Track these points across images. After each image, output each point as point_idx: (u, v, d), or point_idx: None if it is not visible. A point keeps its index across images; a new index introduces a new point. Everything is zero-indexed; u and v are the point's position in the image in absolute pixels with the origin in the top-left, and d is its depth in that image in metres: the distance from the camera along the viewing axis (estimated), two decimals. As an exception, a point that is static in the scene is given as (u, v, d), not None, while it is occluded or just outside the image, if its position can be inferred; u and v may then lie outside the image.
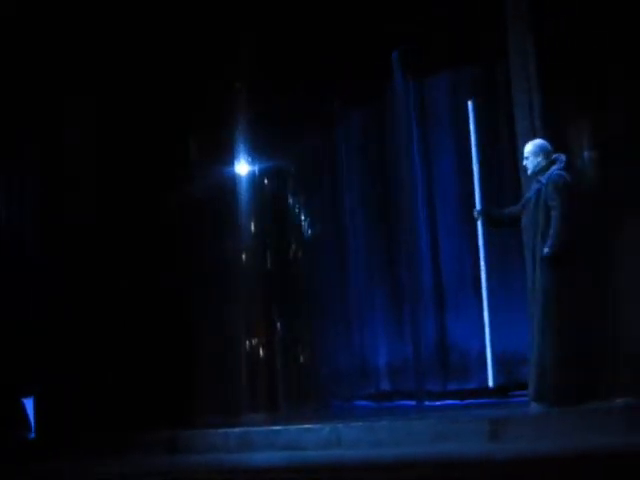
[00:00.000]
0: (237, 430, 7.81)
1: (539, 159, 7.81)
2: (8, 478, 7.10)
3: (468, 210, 9.02)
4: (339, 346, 11.10)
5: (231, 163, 10.48)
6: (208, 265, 10.26)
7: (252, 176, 10.54)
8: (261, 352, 10.27)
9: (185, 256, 10.27)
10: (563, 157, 7.78)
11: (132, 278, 9.97)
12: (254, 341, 10.28)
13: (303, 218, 11.17)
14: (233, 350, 10.19)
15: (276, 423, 8.20)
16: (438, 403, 9.95)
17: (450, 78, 10.43)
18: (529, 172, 7.88)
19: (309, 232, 11.17)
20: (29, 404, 9.65)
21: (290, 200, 10.97)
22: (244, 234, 10.47)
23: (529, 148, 7.90)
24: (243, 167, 10.50)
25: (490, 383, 9.14)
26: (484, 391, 9.34)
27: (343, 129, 11.31)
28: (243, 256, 10.38)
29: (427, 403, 10.05)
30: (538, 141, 7.94)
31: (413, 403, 10.15)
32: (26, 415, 9.51)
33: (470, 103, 8.74)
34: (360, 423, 7.34)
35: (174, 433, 8.04)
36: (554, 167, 7.72)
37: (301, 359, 10.61)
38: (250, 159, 10.54)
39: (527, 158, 7.87)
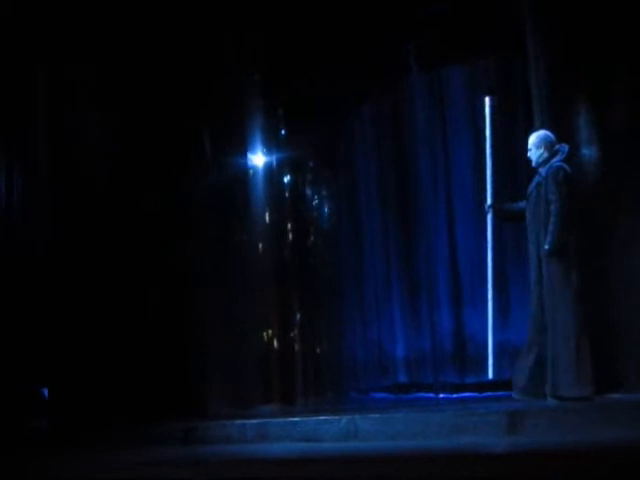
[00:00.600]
0: (254, 421, 7.80)
1: (541, 151, 7.77)
2: (25, 467, 7.12)
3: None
4: (357, 338, 11.12)
5: (247, 155, 10.48)
6: (224, 257, 10.26)
7: (269, 168, 10.56)
8: (278, 344, 10.28)
9: (201, 247, 10.27)
10: (565, 148, 7.70)
11: (145, 269, 9.96)
12: (271, 333, 10.29)
13: (320, 210, 11.16)
14: (250, 342, 10.21)
15: (293, 414, 8.19)
16: (455, 395, 9.96)
17: (467, 70, 10.42)
18: (533, 164, 7.84)
19: (326, 225, 11.17)
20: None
21: (307, 192, 10.98)
22: (261, 226, 10.48)
23: (532, 140, 7.86)
24: (259, 159, 10.51)
25: (507, 375, 9.12)
26: (502, 384, 9.31)
27: (360, 121, 11.31)
28: (260, 248, 10.38)
29: (444, 395, 10.05)
30: (541, 132, 7.90)
31: (430, 395, 10.14)
32: (45, 405, 9.54)
33: (487, 98, 8.68)
34: (377, 415, 7.32)
35: (190, 424, 8.04)
36: (555, 159, 7.66)
37: (318, 351, 10.62)
38: (266, 151, 10.55)
39: (530, 150, 7.84)
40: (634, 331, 7.74)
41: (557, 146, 7.73)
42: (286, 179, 10.84)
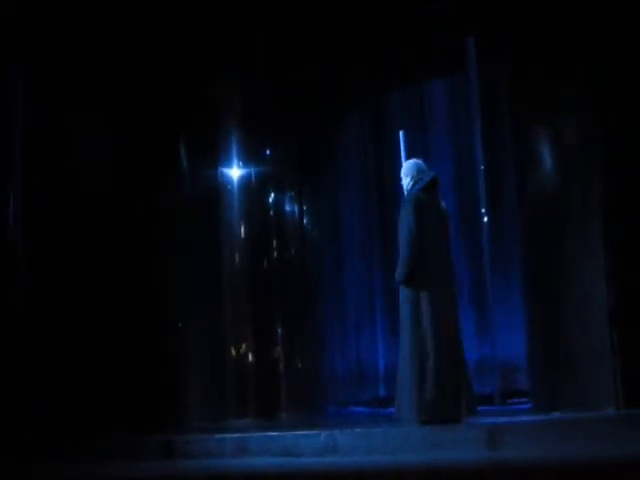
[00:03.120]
0: (233, 436, 7.76)
1: (408, 179, 7.71)
2: (7, 477, 7.10)
3: (469, 214, 9.10)
4: (336, 352, 11.10)
5: (224, 167, 10.41)
6: (202, 271, 10.21)
7: (247, 181, 10.49)
8: (257, 357, 10.24)
9: (180, 262, 10.23)
10: (427, 177, 7.61)
11: (122, 284, 9.90)
12: (249, 346, 10.24)
13: (300, 224, 11.13)
14: (228, 355, 10.16)
15: (272, 429, 8.16)
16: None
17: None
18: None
19: (306, 238, 11.14)
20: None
21: (287, 205, 10.94)
22: (239, 239, 10.43)
23: (402, 168, 7.83)
24: (236, 172, 10.44)
25: (487, 390, 9.14)
26: (481, 398, 9.32)
27: (342, 133, 11.32)
28: (238, 261, 10.34)
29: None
30: (410, 161, 7.86)
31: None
32: (37, 414, 9.47)
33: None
34: (357, 430, 7.31)
35: (170, 438, 7.99)
36: (415, 187, 7.60)
37: (298, 365, 10.57)
38: (245, 164, 10.49)
39: (401, 179, 7.80)
40: (589, 349, 7.79)
41: (422, 174, 7.65)
42: (266, 192, 10.80)
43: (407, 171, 7.72)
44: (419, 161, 7.79)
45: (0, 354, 9.50)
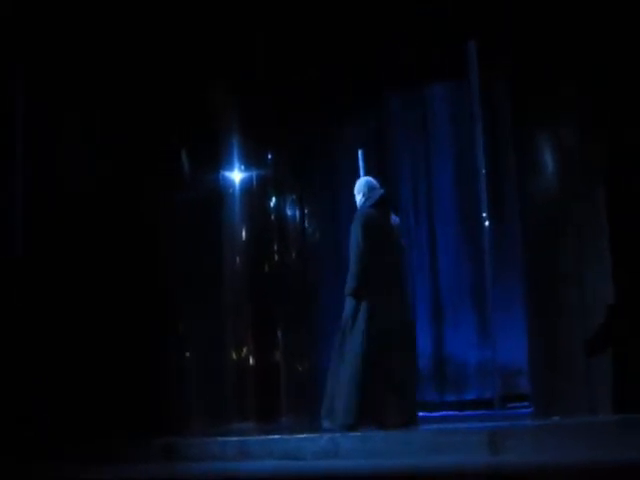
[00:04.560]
0: (235, 439, 7.76)
1: (359, 196, 7.92)
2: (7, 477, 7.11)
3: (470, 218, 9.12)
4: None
5: (224, 171, 10.40)
6: (203, 272, 10.21)
7: (248, 184, 10.48)
8: (257, 361, 10.24)
9: (179, 263, 10.22)
10: (377, 194, 7.81)
11: (121, 287, 9.89)
12: (250, 349, 10.24)
13: (300, 227, 11.13)
14: (229, 358, 10.16)
15: (274, 432, 8.17)
16: (435, 414, 9.94)
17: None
18: None
19: (305, 241, 11.15)
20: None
21: (287, 209, 10.93)
22: (239, 242, 10.42)
23: (355, 186, 8.03)
24: (237, 175, 10.42)
25: (488, 394, 9.14)
26: (482, 402, 9.34)
27: (340, 137, 11.31)
28: (238, 264, 10.33)
29: (424, 414, 10.04)
30: (362, 179, 8.09)
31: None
32: (37, 414, 9.47)
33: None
34: (358, 433, 7.32)
35: (171, 441, 7.99)
36: (365, 204, 7.82)
37: (299, 368, 10.58)
38: (245, 167, 10.48)
39: (354, 196, 7.98)
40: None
41: (372, 192, 7.84)
42: (267, 195, 10.79)
43: (359, 188, 7.95)
44: (370, 178, 8.05)
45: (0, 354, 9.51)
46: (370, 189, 7.88)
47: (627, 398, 7.51)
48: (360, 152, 8.86)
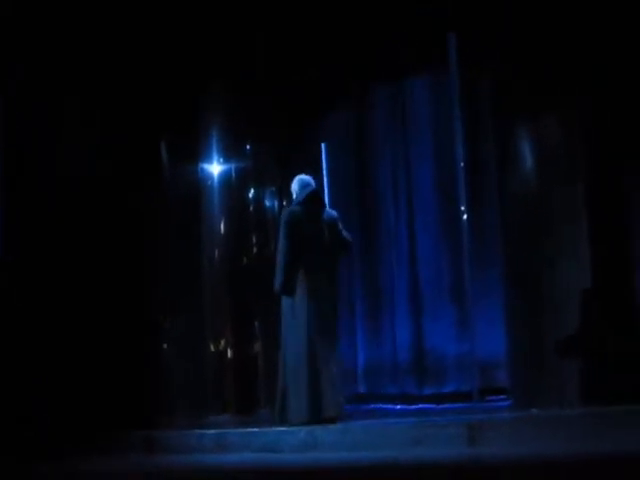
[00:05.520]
0: (213, 431, 7.78)
1: (294, 194, 8.09)
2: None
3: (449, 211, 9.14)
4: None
5: (204, 165, 10.37)
6: (182, 265, 10.19)
7: (228, 178, 10.45)
8: (237, 353, 10.22)
9: (159, 256, 10.20)
10: (305, 192, 7.94)
11: (102, 282, 9.88)
12: (229, 342, 10.23)
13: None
14: (208, 351, 10.14)
15: (252, 425, 8.17)
16: (414, 407, 9.96)
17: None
18: None
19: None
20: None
21: (268, 203, 10.91)
22: (219, 236, 10.40)
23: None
24: (217, 168, 10.39)
25: (467, 387, 9.16)
26: (460, 395, 9.37)
27: (322, 131, 11.30)
28: (217, 258, 10.31)
29: (403, 407, 10.07)
30: (296, 177, 8.17)
31: (390, 406, 10.17)
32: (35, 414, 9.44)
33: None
34: (337, 426, 7.33)
35: (151, 434, 7.99)
36: (293, 202, 8.03)
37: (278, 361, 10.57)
38: (225, 160, 10.45)
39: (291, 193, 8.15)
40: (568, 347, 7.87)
41: (303, 189, 7.98)
42: (246, 187, 10.76)
43: (293, 186, 8.12)
44: (303, 176, 8.15)
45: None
46: (301, 187, 8.00)
47: (605, 391, 7.54)
48: (323, 145, 8.90)
